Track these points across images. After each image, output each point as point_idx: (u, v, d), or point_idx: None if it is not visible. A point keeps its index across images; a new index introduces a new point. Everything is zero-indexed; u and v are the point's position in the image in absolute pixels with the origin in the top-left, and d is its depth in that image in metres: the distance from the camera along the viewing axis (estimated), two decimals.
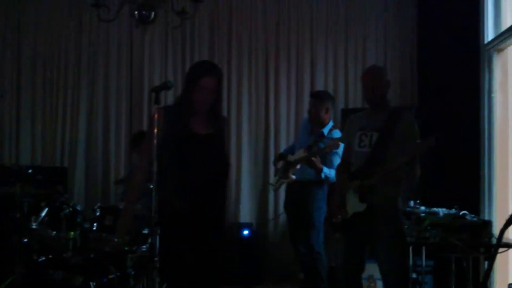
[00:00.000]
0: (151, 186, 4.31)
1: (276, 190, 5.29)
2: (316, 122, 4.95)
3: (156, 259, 3.37)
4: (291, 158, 4.92)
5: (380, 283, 5.09)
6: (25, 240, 4.71)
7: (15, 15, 6.49)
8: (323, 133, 4.83)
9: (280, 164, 5.03)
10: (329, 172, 4.57)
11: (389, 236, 3.42)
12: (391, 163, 3.39)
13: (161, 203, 3.04)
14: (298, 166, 4.78)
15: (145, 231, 4.48)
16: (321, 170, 4.60)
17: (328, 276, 4.92)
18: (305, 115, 6.25)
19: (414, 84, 6.25)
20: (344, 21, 6.39)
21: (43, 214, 4.49)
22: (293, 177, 4.82)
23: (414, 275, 5.16)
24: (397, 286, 3.48)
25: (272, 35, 6.40)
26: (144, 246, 4.43)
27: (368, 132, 3.49)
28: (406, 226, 5.01)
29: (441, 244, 4.32)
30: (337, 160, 4.43)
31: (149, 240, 4.39)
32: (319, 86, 6.24)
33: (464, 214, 4.21)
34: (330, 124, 4.92)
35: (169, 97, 6.01)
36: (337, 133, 4.80)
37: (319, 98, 5.06)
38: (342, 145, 4.38)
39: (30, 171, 5.02)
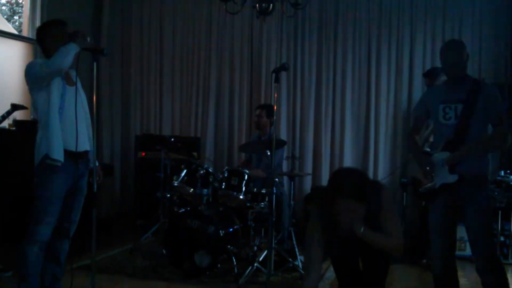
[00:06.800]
0: (268, 153, 4.53)
1: None
2: None
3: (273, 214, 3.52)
4: (425, 133, 4.86)
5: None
6: (168, 195, 5.08)
7: (158, 11, 6.80)
8: None
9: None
10: None
11: (478, 203, 3.13)
12: (480, 137, 3.13)
13: None
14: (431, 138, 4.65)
15: (263, 191, 4.62)
16: None
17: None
18: (404, 94, 6.18)
19: (508, 61, 5.84)
20: (442, 2, 6.08)
21: (183, 174, 4.70)
22: (427, 149, 4.74)
23: (502, 238, 4.99)
24: (487, 250, 3.17)
25: (374, 21, 6.23)
26: (262, 203, 4.56)
27: (452, 104, 3.19)
28: (496, 193, 4.87)
29: None
30: None
31: (267, 198, 4.54)
32: (417, 68, 6.06)
33: None
34: None
35: (283, 76, 6.16)
36: None
37: (431, 74, 4.89)
38: None
39: (172, 140, 5.35)
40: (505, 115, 3.18)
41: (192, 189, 4.60)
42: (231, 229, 4.47)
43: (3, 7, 5.65)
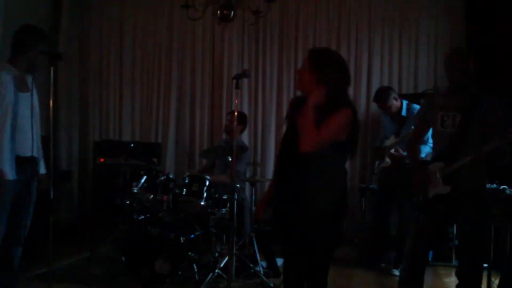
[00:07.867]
0: (230, 159, 4.53)
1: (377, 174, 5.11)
2: (393, 115, 4.87)
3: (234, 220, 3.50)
4: (386, 143, 4.92)
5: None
6: (128, 202, 4.98)
7: (118, 17, 6.74)
8: (402, 116, 4.76)
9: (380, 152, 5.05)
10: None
11: (470, 213, 3.08)
12: (478, 149, 2.98)
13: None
14: (393, 150, 4.74)
15: (225, 197, 4.62)
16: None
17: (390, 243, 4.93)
18: (362, 98, 6.27)
19: None
20: (399, 8, 6.15)
21: (142, 181, 4.63)
22: (388, 161, 4.81)
23: (456, 242, 5.10)
24: (472, 262, 3.14)
25: (333, 29, 6.28)
26: (223, 209, 4.55)
27: (450, 113, 3.13)
28: None
29: None
30: None
31: (228, 204, 4.53)
32: (376, 74, 6.15)
33: (504, 188, 4.11)
34: (404, 103, 4.80)
35: (245, 83, 6.19)
36: (416, 106, 4.71)
37: (381, 99, 4.88)
38: None
39: (132, 145, 5.27)
40: (504, 128, 3.02)
41: (152, 196, 4.54)
42: (192, 236, 4.43)
43: None
